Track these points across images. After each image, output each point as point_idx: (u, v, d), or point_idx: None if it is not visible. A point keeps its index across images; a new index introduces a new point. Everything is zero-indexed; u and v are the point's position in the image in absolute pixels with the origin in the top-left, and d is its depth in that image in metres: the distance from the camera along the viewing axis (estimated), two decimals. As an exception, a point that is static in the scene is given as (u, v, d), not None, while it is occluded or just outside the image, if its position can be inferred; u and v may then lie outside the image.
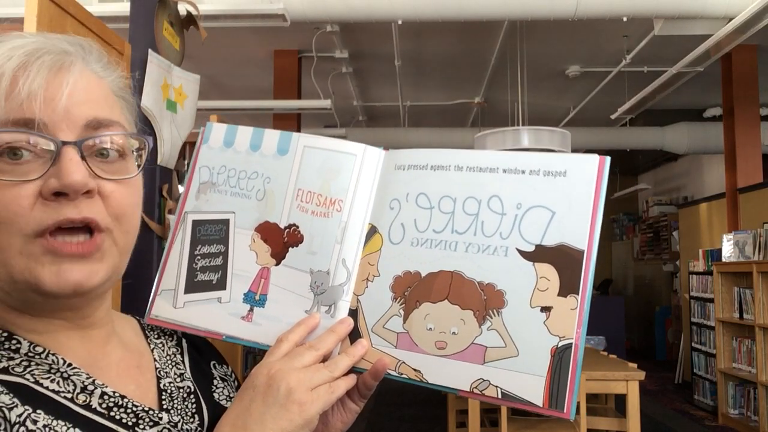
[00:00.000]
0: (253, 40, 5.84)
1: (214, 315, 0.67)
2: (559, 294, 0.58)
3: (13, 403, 0.46)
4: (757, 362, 4.83)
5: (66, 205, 0.49)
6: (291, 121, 6.07)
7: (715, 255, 5.80)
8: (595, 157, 0.60)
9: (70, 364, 0.52)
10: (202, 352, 0.71)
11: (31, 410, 0.47)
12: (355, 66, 6.59)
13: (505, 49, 6.01)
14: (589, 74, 6.75)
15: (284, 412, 0.54)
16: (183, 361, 0.67)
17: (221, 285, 0.68)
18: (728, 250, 5.32)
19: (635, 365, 3.45)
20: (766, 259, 4.80)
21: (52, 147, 0.49)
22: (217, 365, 0.71)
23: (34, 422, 0.47)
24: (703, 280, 6.01)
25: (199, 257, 0.68)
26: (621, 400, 3.47)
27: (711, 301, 5.71)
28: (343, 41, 5.84)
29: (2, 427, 0.45)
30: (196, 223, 0.70)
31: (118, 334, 0.61)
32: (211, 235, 0.69)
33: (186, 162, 4.37)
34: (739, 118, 5.88)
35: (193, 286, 0.67)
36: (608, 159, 0.60)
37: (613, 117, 6.81)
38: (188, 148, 4.42)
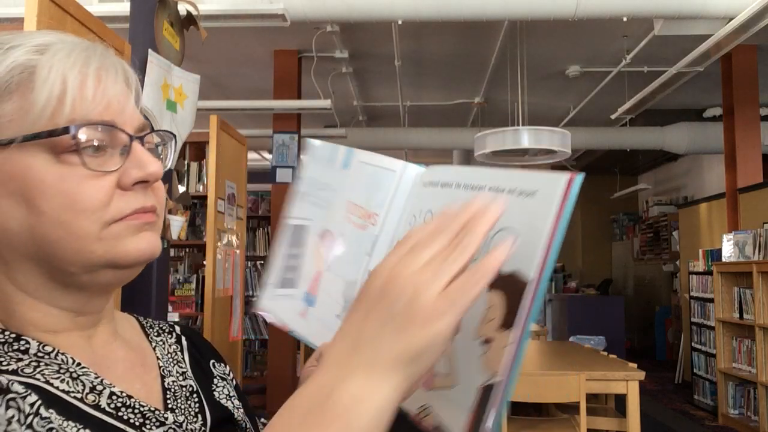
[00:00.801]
0: (253, 40, 5.83)
1: (287, 310, 0.76)
2: (501, 326, 0.51)
3: (27, 392, 0.46)
4: (757, 362, 4.83)
5: (141, 195, 0.53)
6: (291, 121, 6.07)
7: (715, 255, 5.80)
8: (564, 175, 0.52)
9: (79, 364, 0.53)
10: (201, 350, 0.71)
11: (41, 401, 0.47)
12: (355, 66, 6.59)
13: (505, 49, 6.01)
14: (589, 74, 6.75)
15: (407, 323, 0.43)
16: (183, 359, 0.67)
17: (295, 283, 0.77)
18: (728, 250, 5.32)
19: (635, 365, 3.45)
20: (766, 259, 4.80)
21: (126, 142, 0.53)
22: (216, 364, 0.71)
23: (46, 410, 0.47)
24: (703, 280, 6.01)
25: (288, 257, 0.78)
26: (621, 400, 3.47)
27: (711, 301, 5.71)
28: (343, 41, 5.84)
29: (16, 418, 0.44)
30: (289, 228, 0.80)
31: (121, 332, 0.62)
32: (296, 238, 0.79)
33: (186, 162, 4.37)
34: (739, 118, 5.88)
35: (281, 282, 0.77)
36: (579, 177, 0.50)
37: (613, 117, 6.81)
38: (188, 148, 4.43)
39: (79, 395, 0.50)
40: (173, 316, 4.17)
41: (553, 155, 5.69)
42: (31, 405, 0.46)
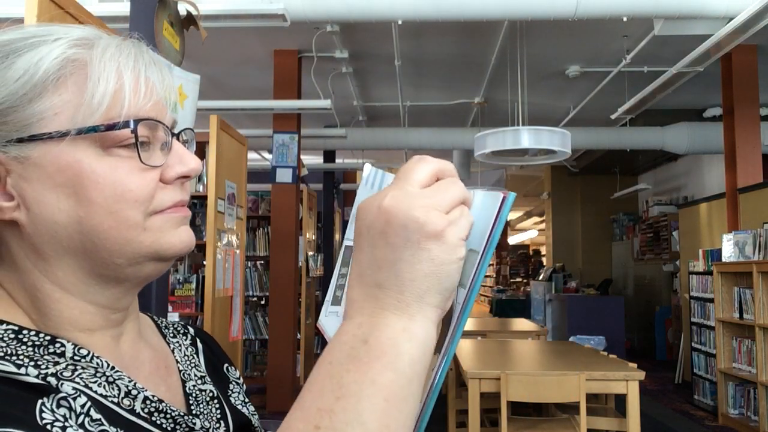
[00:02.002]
0: (253, 40, 5.84)
1: (333, 327, 0.77)
2: (435, 351, 0.48)
3: (76, 393, 0.47)
4: (757, 362, 4.83)
5: (179, 189, 0.55)
6: (291, 121, 6.07)
7: (715, 255, 5.81)
8: (498, 195, 0.51)
9: (113, 368, 0.52)
10: (216, 353, 0.71)
11: (90, 403, 0.47)
12: (355, 66, 6.60)
13: (505, 49, 6.01)
14: (589, 74, 6.75)
15: (421, 251, 0.42)
16: (200, 363, 0.66)
17: (341, 301, 0.79)
18: (728, 250, 5.32)
19: (635, 365, 3.45)
20: (766, 259, 4.81)
21: (167, 138, 0.55)
22: (230, 368, 0.71)
23: (96, 412, 0.47)
24: (703, 280, 6.01)
25: (339, 275, 0.79)
26: (621, 400, 3.47)
27: (711, 301, 5.71)
28: (343, 41, 5.84)
29: (69, 417, 0.44)
30: (344, 248, 0.81)
31: (143, 333, 0.62)
32: (346, 258, 0.80)
33: (186, 162, 4.37)
34: (739, 118, 5.88)
35: (332, 299, 0.79)
36: (512, 196, 0.47)
37: (613, 117, 6.81)
38: (188, 148, 4.43)
39: (115, 399, 0.50)
40: (173, 316, 4.17)
41: (553, 155, 5.69)
42: (82, 406, 0.46)
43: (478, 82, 7.18)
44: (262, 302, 6.24)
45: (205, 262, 3.54)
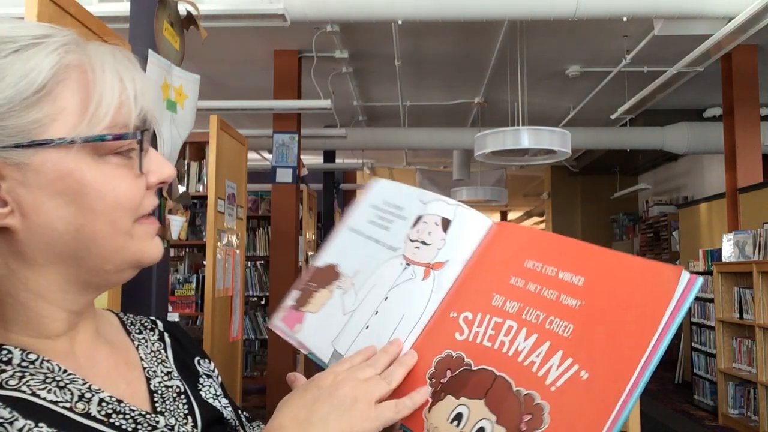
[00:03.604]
0: (253, 40, 5.84)
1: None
2: None
3: (13, 416, 0.46)
4: (757, 362, 4.83)
5: (154, 193, 0.57)
6: (291, 121, 6.07)
7: (715, 255, 5.80)
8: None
9: (65, 371, 0.52)
10: (186, 347, 0.70)
11: (33, 424, 0.46)
12: (355, 66, 6.60)
13: (505, 49, 6.01)
14: (589, 74, 6.75)
15: (347, 417, 0.56)
16: (168, 358, 0.66)
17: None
18: (728, 250, 5.32)
19: (635, 365, 3.44)
20: (766, 259, 4.80)
21: (148, 146, 0.56)
22: (201, 361, 0.70)
23: (36, 425, 0.46)
24: (703, 280, 6.01)
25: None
26: (621, 400, 3.46)
27: (711, 301, 5.71)
28: (343, 41, 5.84)
29: None
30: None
31: (101, 331, 0.61)
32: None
33: (186, 162, 4.37)
34: (739, 118, 5.88)
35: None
36: (698, 281, 0.58)
37: (613, 117, 6.81)
38: (188, 148, 4.43)
39: (68, 404, 0.50)
40: (173, 316, 4.17)
41: (553, 155, 5.69)
42: (20, 430, 0.45)
43: (478, 82, 7.18)
44: (262, 302, 6.24)
45: (205, 262, 3.54)
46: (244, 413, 0.73)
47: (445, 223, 0.72)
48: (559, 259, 0.64)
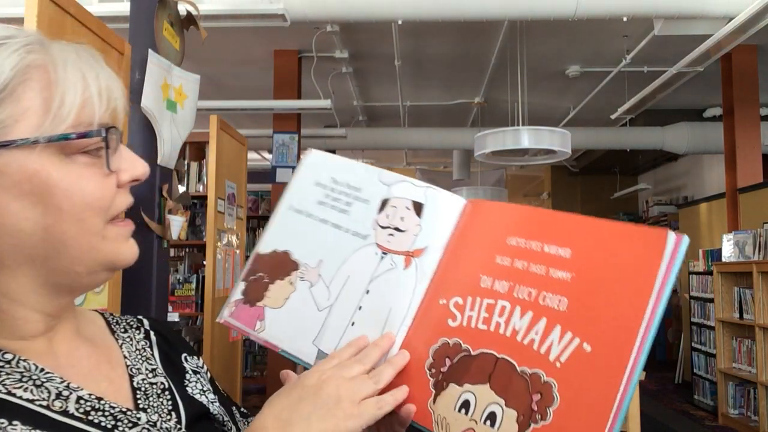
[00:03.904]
0: (253, 40, 5.83)
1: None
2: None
3: None
4: (757, 362, 4.83)
5: (128, 193, 0.57)
6: (291, 121, 6.07)
7: (715, 255, 5.80)
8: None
9: (42, 369, 0.51)
10: (172, 344, 0.70)
11: (6, 422, 0.46)
12: (355, 66, 6.59)
13: (505, 49, 6.01)
14: (589, 74, 6.75)
15: (330, 416, 0.56)
16: (153, 355, 0.66)
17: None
18: (728, 250, 5.32)
19: (635, 365, 3.44)
20: (766, 259, 4.80)
21: (118, 144, 0.55)
22: (188, 357, 0.70)
23: (10, 423, 0.46)
24: (703, 280, 6.01)
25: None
26: (621, 400, 3.46)
27: (711, 301, 5.71)
28: (343, 41, 5.84)
29: None
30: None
31: (83, 331, 0.61)
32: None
33: (186, 162, 4.37)
34: (739, 118, 5.88)
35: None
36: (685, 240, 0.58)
37: (613, 117, 6.81)
38: (188, 148, 4.43)
39: (44, 403, 0.49)
40: (173, 316, 4.17)
41: (553, 155, 5.69)
42: None
43: (478, 82, 7.18)
44: (262, 302, 6.23)
45: (205, 262, 3.54)
46: (242, 409, 0.73)
47: (417, 207, 0.69)
48: (542, 232, 0.62)
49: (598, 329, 0.56)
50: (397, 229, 0.68)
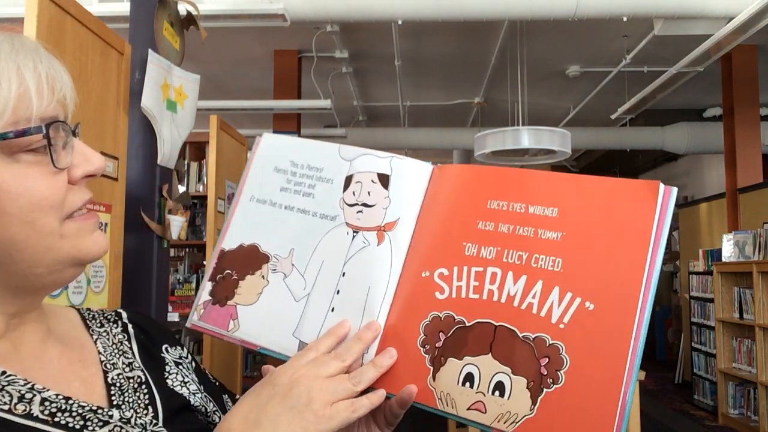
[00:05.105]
0: (253, 40, 5.84)
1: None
2: None
3: None
4: (757, 362, 4.83)
5: (84, 188, 0.54)
6: (291, 121, 6.07)
7: (715, 255, 5.80)
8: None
9: (4, 373, 0.50)
10: (152, 336, 0.67)
11: None
12: (355, 66, 6.60)
13: (505, 49, 6.01)
14: (589, 74, 6.75)
15: (300, 419, 0.53)
16: (131, 349, 0.63)
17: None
18: (728, 250, 5.32)
19: (635, 365, 3.44)
20: (766, 259, 4.80)
21: (69, 138, 0.52)
22: (169, 348, 0.67)
23: None
24: (703, 280, 6.01)
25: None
26: (621, 400, 3.46)
27: (711, 301, 5.71)
28: (343, 41, 5.84)
29: None
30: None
31: (54, 330, 0.59)
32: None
33: (186, 162, 4.37)
34: (739, 118, 5.88)
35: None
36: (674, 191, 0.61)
37: (613, 117, 6.81)
38: (188, 148, 4.43)
39: (5, 407, 0.48)
40: (173, 316, 4.17)
41: (553, 155, 5.69)
42: None
43: (478, 82, 7.18)
44: (262, 302, 6.23)
45: (205, 262, 3.54)
46: (236, 396, 0.71)
47: (383, 179, 0.66)
48: (524, 193, 0.60)
49: (599, 286, 0.55)
50: (365, 204, 0.65)
